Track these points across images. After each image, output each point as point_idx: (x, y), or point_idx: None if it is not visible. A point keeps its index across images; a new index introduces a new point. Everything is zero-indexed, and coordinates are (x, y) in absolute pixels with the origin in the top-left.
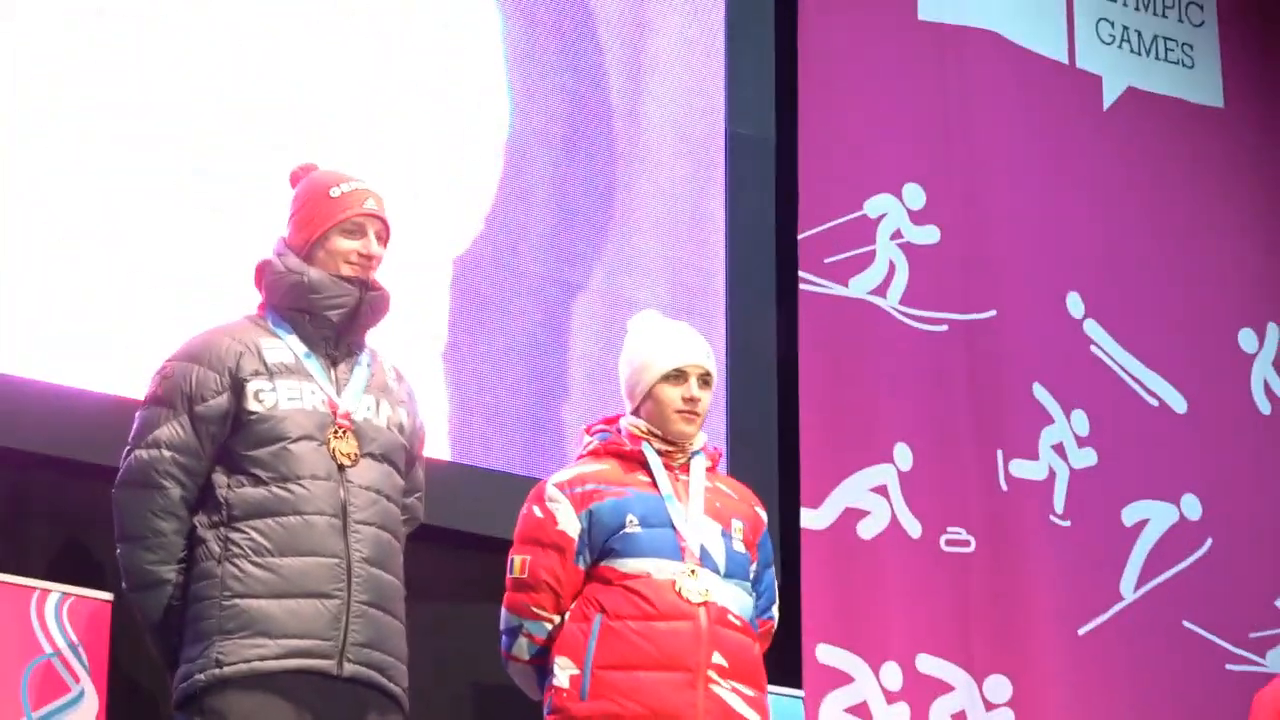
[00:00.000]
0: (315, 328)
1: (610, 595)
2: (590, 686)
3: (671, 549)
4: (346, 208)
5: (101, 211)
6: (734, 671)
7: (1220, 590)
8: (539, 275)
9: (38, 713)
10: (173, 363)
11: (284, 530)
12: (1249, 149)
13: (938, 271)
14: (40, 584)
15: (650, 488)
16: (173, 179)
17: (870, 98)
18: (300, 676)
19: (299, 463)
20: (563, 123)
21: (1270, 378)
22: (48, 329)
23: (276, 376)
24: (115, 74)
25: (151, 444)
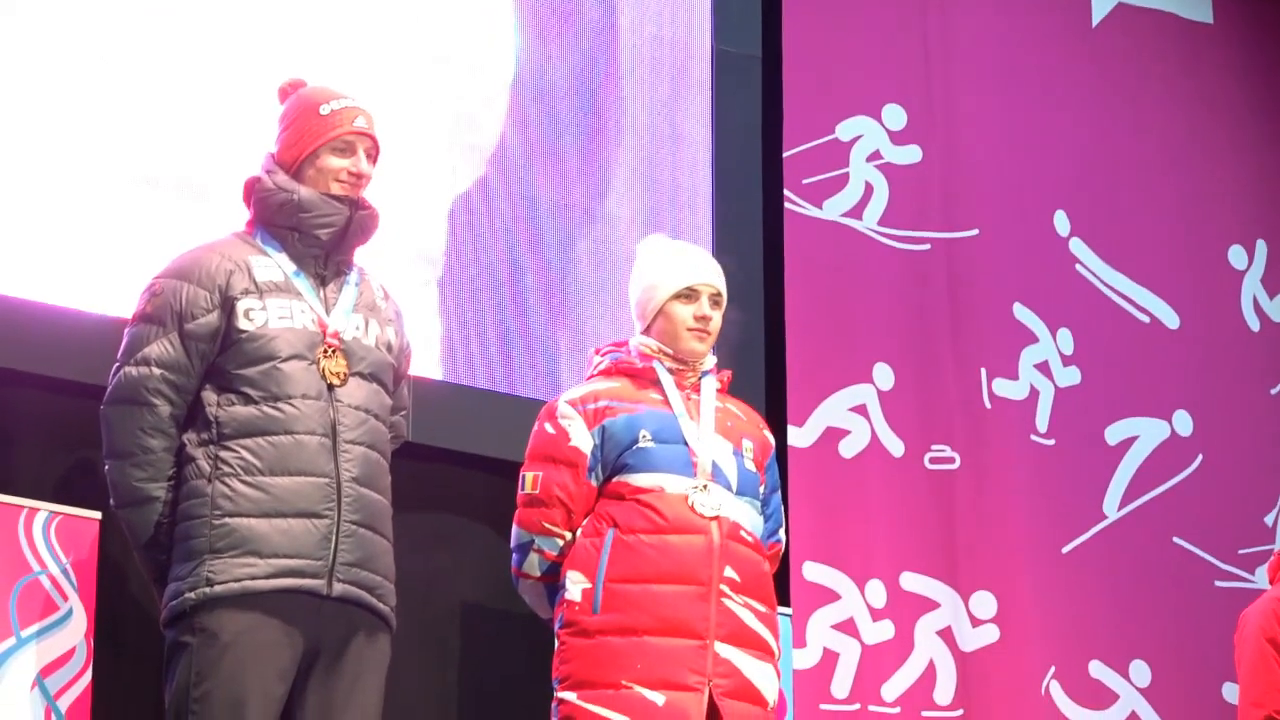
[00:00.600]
0: (304, 246)
1: (623, 509)
2: (603, 599)
3: (684, 464)
4: (337, 125)
5: (87, 125)
6: (746, 586)
7: (1210, 506)
8: (528, 196)
9: (26, 631)
10: (162, 279)
11: (274, 449)
12: (1237, 65)
13: (920, 191)
14: (28, 502)
15: (662, 405)
16: (160, 91)
17: (852, 19)
18: (290, 595)
19: (289, 381)
20: (553, 44)
21: (1259, 294)
22: (34, 247)
23: (266, 295)
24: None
25: (141, 361)
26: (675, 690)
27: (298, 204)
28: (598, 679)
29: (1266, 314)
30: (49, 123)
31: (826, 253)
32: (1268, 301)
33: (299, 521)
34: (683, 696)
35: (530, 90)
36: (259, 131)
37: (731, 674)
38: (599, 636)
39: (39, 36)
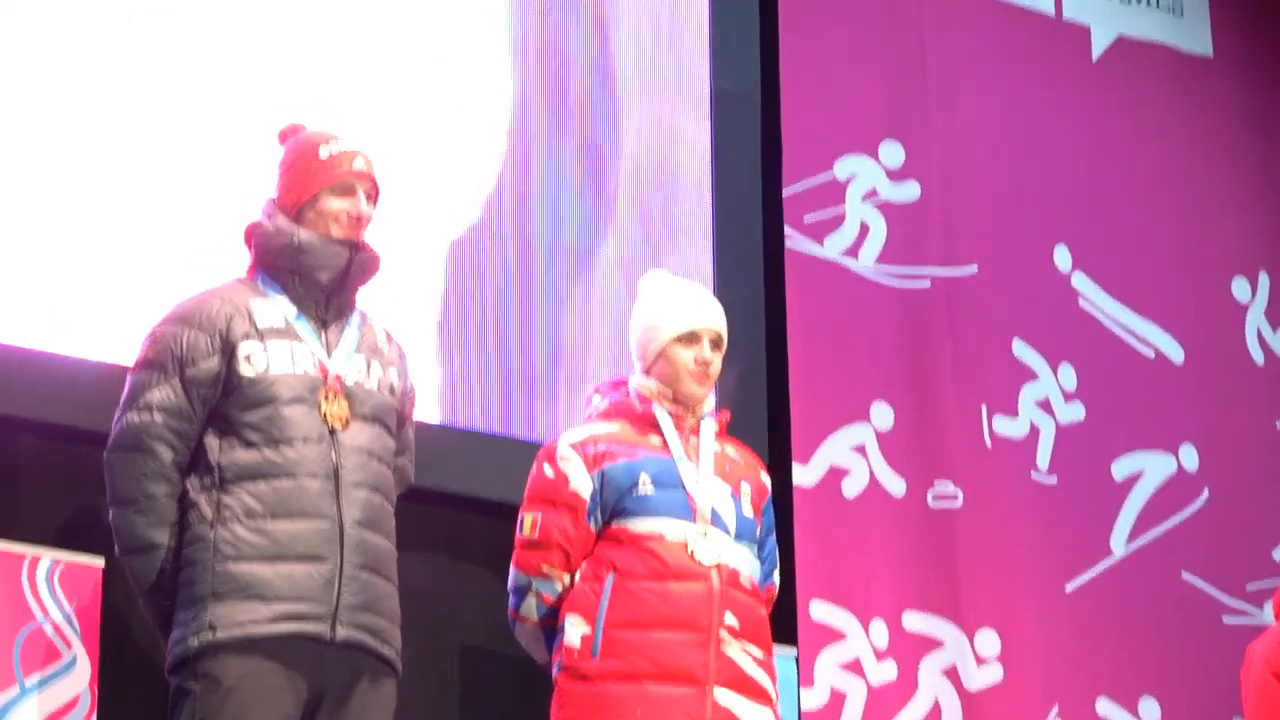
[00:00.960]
0: (305, 289)
1: (622, 554)
2: (603, 645)
3: (683, 510)
4: (336, 168)
5: (90, 174)
6: (745, 633)
7: (1218, 541)
8: (525, 238)
9: (29, 680)
10: (163, 326)
11: (275, 493)
12: (1237, 98)
13: (919, 227)
14: (31, 549)
15: (662, 449)
16: (162, 140)
17: (850, 56)
18: (293, 641)
19: (290, 425)
20: (554, 84)
21: (1263, 327)
22: (37, 295)
23: (267, 338)
24: (105, 29)
25: (143, 407)
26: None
27: (298, 247)
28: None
29: (1270, 347)
30: (52, 167)
31: (827, 290)
32: (1271, 334)
33: (301, 566)
34: None
35: (527, 132)
36: (261, 175)
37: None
38: (599, 682)
39: (53, 84)
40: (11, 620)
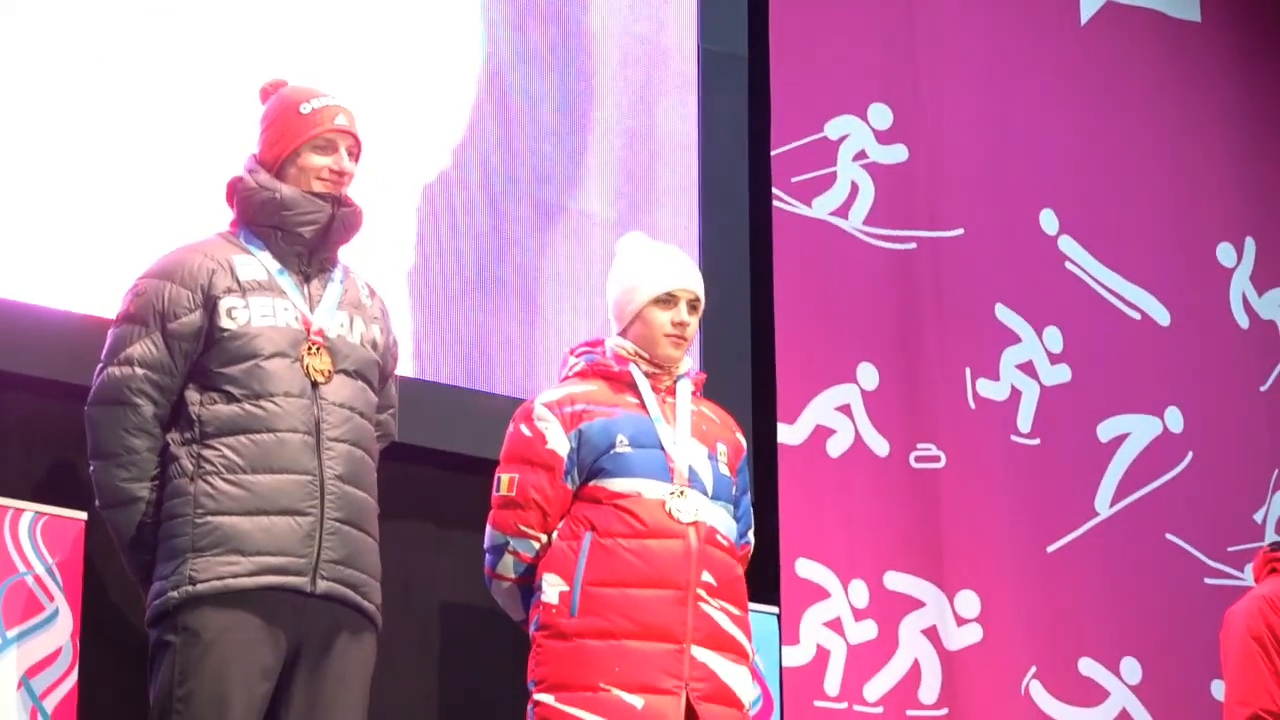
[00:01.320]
0: (287, 244)
1: (600, 514)
2: (580, 602)
3: (661, 469)
4: (317, 124)
5: (70, 126)
6: (721, 590)
7: (1201, 503)
8: (511, 193)
9: (11, 632)
10: (145, 280)
11: (256, 447)
12: (1224, 64)
13: (906, 190)
14: (13, 503)
15: (639, 409)
16: (140, 92)
17: (839, 19)
18: (273, 593)
19: (272, 379)
20: (535, 41)
21: (1249, 291)
22: (17, 247)
23: (249, 293)
24: None
25: (124, 361)
26: (653, 694)
27: (280, 202)
28: (575, 681)
29: (1255, 311)
30: (32, 121)
31: (814, 250)
32: (1256, 299)
33: (282, 519)
34: (661, 700)
35: (509, 87)
36: (242, 130)
37: (708, 677)
38: (576, 639)
39: (36, 38)
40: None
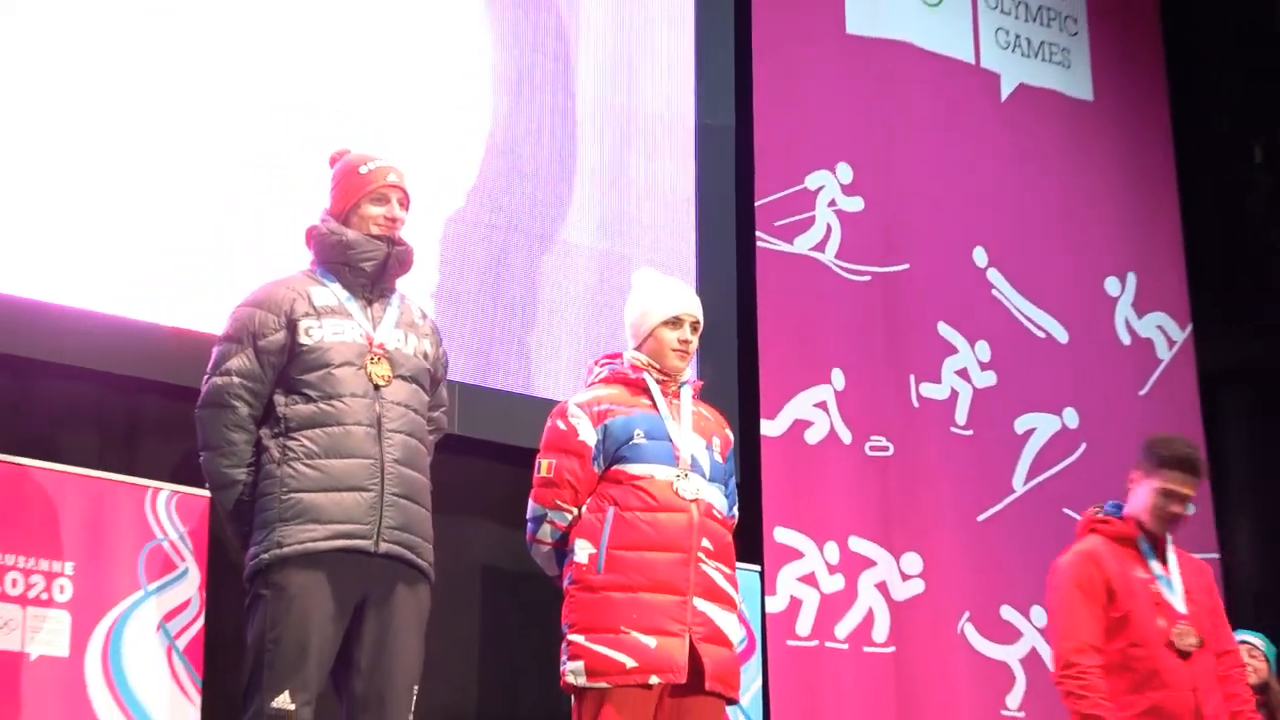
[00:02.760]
0: (353, 277)
1: (621, 492)
2: (605, 562)
3: (669, 457)
4: (373, 181)
5: (203, 192)
6: (716, 554)
7: (1092, 484)
8: (539, 234)
9: (152, 585)
10: (241, 308)
11: (329, 438)
12: (1112, 134)
13: (863, 233)
14: (153, 484)
15: (651, 409)
16: (244, 171)
17: (810, 94)
18: (344, 554)
19: (341, 383)
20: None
21: (1130, 316)
22: (152, 276)
23: (323, 316)
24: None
25: (224, 372)
26: (663, 636)
27: (346, 243)
28: (600, 625)
29: (1136, 331)
30: (183, 180)
31: (795, 278)
32: (1136, 321)
33: (350, 495)
34: (669, 641)
35: (539, 156)
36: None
37: (706, 623)
38: (602, 592)
39: (135, 67)
40: (137, 538)
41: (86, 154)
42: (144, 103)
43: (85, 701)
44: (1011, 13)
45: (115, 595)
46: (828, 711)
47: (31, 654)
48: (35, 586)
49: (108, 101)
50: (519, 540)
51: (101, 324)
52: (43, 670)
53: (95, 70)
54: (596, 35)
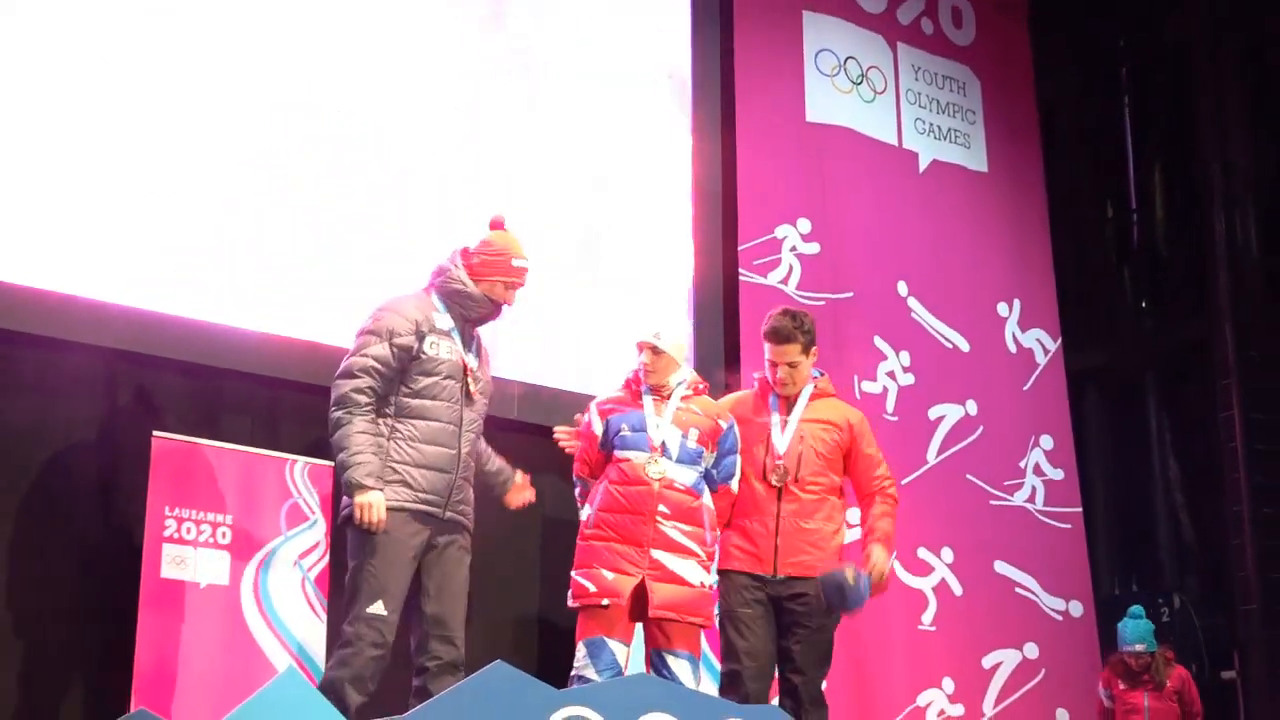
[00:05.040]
0: (462, 313)
1: (612, 469)
2: (594, 521)
3: (644, 444)
4: (515, 274)
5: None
6: (673, 515)
7: (988, 457)
8: (570, 279)
9: (290, 532)
10: (380, 311)
11: (428, 428)
12: (1002, 197)
13: (818, 270)
14: (290, 456)
15: (640, 409)
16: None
17: (779, 165)
18: (423, 514)
19: (442, 390)
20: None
21: (1016, 331)
22: (289, 294)
23: (440, 335)
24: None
25: (364, 355)
26: (620, 574)
27: (469, 296)
28: (584, 564)
29: (1020, 342)
30: (298, 194)
31: (766, 304)
32: (1021, 334)
33: (435, 474)
34: (623, 579)
35: (570, 219)
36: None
37: (659, 567)
38: (590, 541)
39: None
40: (278, 497)
41: (248, 190)
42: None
43: (240, 618)
44: (927, 107)
45: (262, 539)
46: None
47: (201, 583)
48: (204, 533)
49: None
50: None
51: (253, 338)
52: (210, 595)
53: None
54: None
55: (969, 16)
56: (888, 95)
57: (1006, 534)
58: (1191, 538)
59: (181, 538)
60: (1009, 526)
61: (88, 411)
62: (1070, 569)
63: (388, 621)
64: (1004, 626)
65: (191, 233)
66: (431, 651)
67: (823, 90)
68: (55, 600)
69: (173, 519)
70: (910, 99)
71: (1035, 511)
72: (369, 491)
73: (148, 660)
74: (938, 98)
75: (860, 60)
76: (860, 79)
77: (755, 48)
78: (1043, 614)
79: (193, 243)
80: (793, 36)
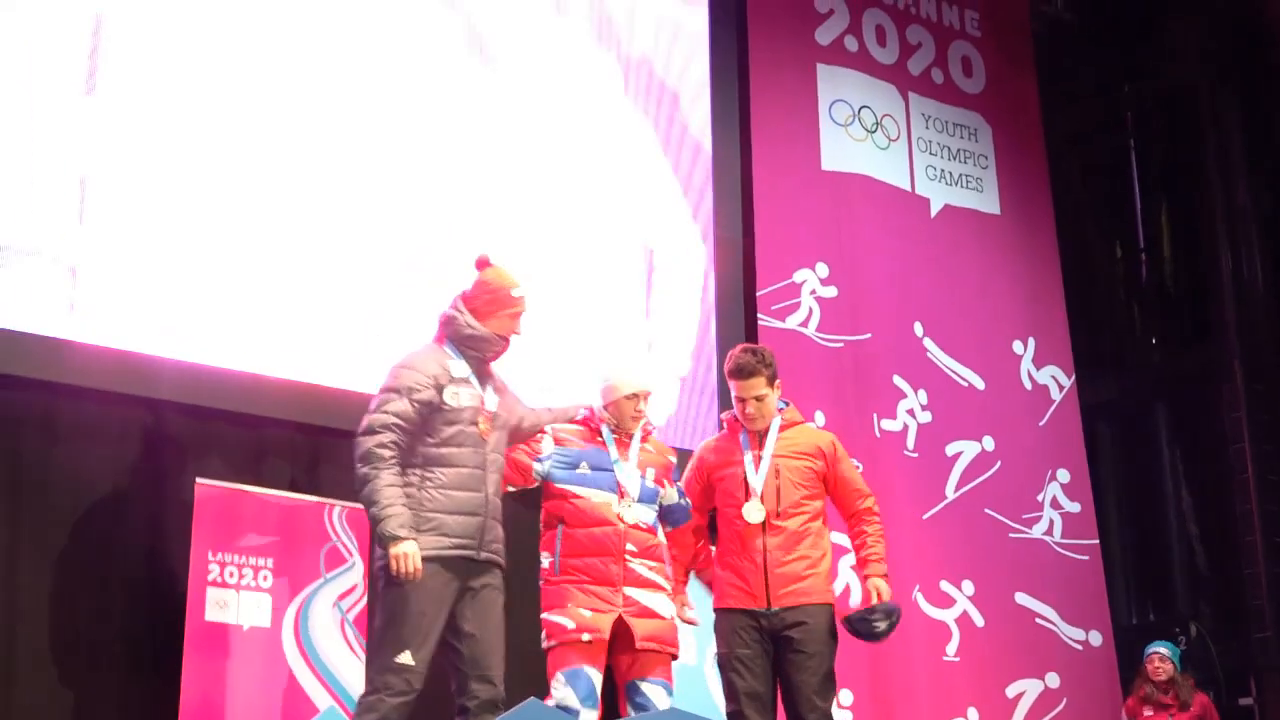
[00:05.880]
0: (476, 355)
1: (566, 511)
2: (560, 567)
3: (607, 485)
4: (516, 303)
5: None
6: (641, 554)
7: (1006, 491)
8: (595, 320)
9: (330, 574)
10: (401, 369)
11: (456, 474)
12: (1015, 238)
13: (836, 313)
14: (330, 500)
15: (602, 447)
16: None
17: (796, 212)
18: (459, 559)
19: (465, 437)
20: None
21: (1031, 369)
22: (326, 342)
23: (458, 384)
24: None
25: (385, 411)
26: (597, 612)
27: (482, 338)
28: (557, 605)
29: (1035, 379)
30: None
31: (786, 347)
32: (1036, 372)
33: (466, 518)
34: (600, 616)
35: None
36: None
37: (634, 604)
38: (560, 585)
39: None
40: (318, 540)
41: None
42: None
43: (282, 658)
44: (939, 154)
45: (303, 582)
46: None
47: (244, 625)
48: (246, 576)
49: None
50: None
51: (292, 387)
52: (252, 637)
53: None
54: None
55: (978, 65)
56: (900, 143)
57: (1026, 566)
58: (1206, 567)
59: (224, 581)
60: (1028, 558)
61: (132, 460)
62: (1089, 599)
63: (415, 671)
64: (1026, 657)
65: (233, 285)
66: (471, 692)
67: (837, 139)
68: (102, 645)
69: (216, 563)
70: (921, 147)
71: (1053, 544)
72: (403, 542)
73: (193, 701)
74: (949, 144)
75: (874, 109)
76: (874, 127)
77: (771, 100)
78: (1063, 644)
79: (234, 295)
80: (807, 88)
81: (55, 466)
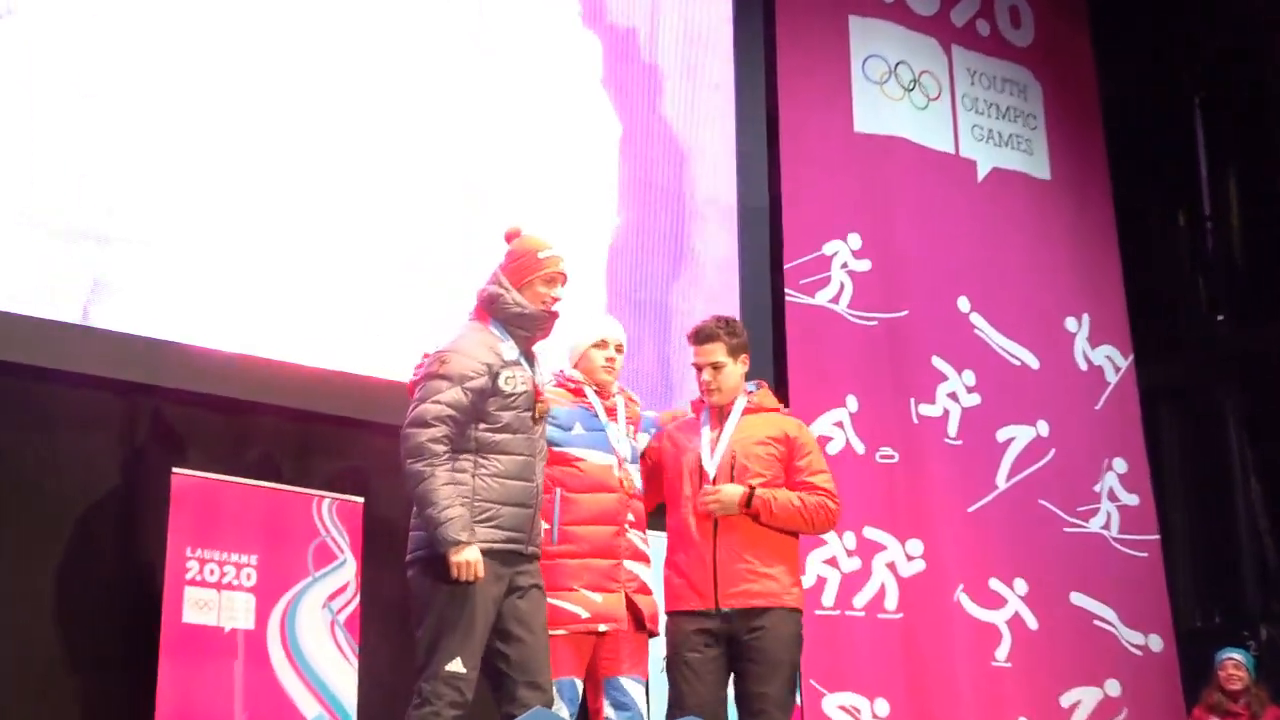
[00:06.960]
0: (524, 334)
1: (564, 471)
2: (559, 535)
3: (603, 445)
4: (548, 265)
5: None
6: (636, 524)
7: (1060, 481)
8: (637, 302)
9: (319, 572)
10: (448, 353)
11: (511, 462)
12: (1067, 205)
13: (870, 288)
14: (318, 492)
15: (589, 408)
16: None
17: (826, 179)
18: (510, 552)
19: (521, 422)
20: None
21: (1085, 347)
22: (315, 320)
23: (512, 367)
24: None
25: (436, 401)
26: (606, 593)
27: (528, 315)
28: (558, 585)
29: (1090, 359)
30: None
31: (815, 325)
32: (1090, 351)
33: (519, 510)
34: (611, 597)
35: (632, 246)
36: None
37: (635, 579)
38: (558, 559)
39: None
40: (306, 535)
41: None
42: None
43: (267, 663)
44: (985, 113)
45: (290, 580)
46: (849, 666)
47: (225, 627)
48: (228, 574)
49: None
50: None
51: (277, 368)
52: (234, 639)
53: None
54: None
55: (1027, 16)
56: (942, 101)
57: (1082, 563)
58: (1277, 564)
59: (204, 580)
60: (1084, 555)
61: (103, 448)
62: (1148, 600)
63: (467, 679)
64: (1082, 662)
65: (212, 259)
66: (520, 699)
67: (871, 98)
68: (71, 647)
69: (195, 560)
70: (966, 104)
71: (1111, 539)
72: (467, 548)
73: (169, 709)
74: (996, 102)
75: (912, 65)
76: (912, 85)
77: (799, 56)
78: (1122, 648)
79: (213, 269)
80: (839, 42)
81: (14, 456)
